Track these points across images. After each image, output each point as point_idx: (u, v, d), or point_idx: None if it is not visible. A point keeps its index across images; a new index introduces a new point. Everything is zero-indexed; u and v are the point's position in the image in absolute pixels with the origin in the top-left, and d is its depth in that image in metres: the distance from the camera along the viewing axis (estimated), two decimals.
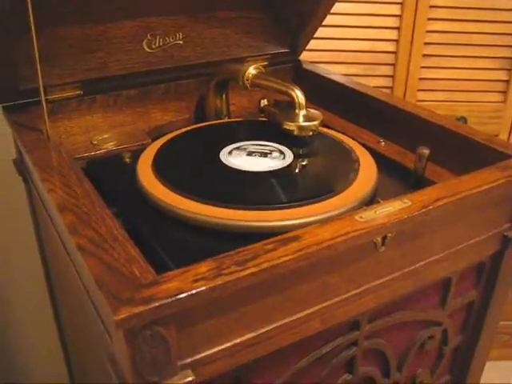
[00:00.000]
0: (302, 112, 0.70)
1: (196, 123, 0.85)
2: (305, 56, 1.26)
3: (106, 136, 0.78)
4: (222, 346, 0.46)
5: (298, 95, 0.70)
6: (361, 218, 0.49)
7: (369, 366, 0.62)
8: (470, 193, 0.54)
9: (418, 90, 1.29)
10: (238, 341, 0.47)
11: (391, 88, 1.29)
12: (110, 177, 0.68)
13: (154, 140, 0.76)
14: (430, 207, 0.51)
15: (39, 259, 0.88)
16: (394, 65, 1.27)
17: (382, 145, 0.77)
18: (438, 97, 1.30)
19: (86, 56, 0.78)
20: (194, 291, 0.40)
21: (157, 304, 0.39)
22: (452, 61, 1.26)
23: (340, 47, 1.25)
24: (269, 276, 0.44)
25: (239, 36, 0.89)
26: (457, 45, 1.25)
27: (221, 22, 0.87)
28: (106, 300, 0.39)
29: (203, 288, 0.41)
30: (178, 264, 0.46)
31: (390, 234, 0.51)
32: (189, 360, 0.44)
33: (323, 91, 0.89)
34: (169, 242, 0.54)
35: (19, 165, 0.75)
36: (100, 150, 0.76)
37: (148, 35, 0.82)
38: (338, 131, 0.80)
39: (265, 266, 0.43)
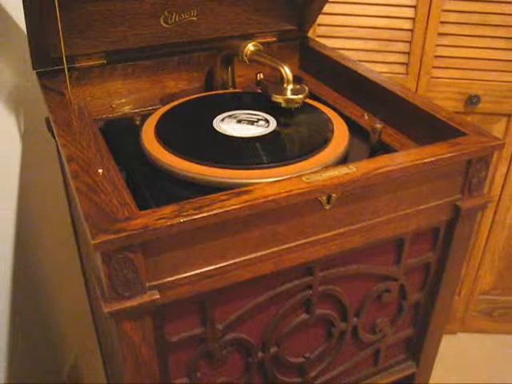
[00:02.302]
0: (290, 86, 0.79)
1: (206, 92, 0.95)
2: (324, 31, 1.34)
3: (123, 101, 0.90)
4: (185, 275, 0.57)
5: (287, 71, 0.79)
6: (307, 179, 0.59)
7: (326, 310, 0.72)
8: (412, 164, 0.63)
9: (433, 67, 1.34)
10: (198, 271, 0.58)
11: (406, 64, 1.34)
12: (122, 136, 0.80)
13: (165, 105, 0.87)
14: (372, 174, 0.60)
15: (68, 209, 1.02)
16: (410, 42, 1.31)
17: (366, 118, 0.85)
18: (452, 74, 1.34)
19: (110, 29, 0.89)
20: (156, 227, 0.52)
21: (126, 234, 0.51)
22: (468, 40, 1.30)
23: (358, 23, 1.31)
24: (220, 220, 0.55)
25: (249, 13, 0.98)
26: (473, 24, 1.28)
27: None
28: (89, 229, 0.52)
29: (164, 225, 0.52)
30: (158, 205, 0.57)
31: (334, 195, 0.60)
32: (156, 283, 0.56)
33: (325, 68, 0.97)
34: (155, 189, 0.66)
35: (48, 123, 0.88)
36: (117, 112, 0.88)
37: (165, 12, 0.92)
38: (329, 104, 0.88)
39: (216, 211, 0.54)
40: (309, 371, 0.78)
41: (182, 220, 0.52)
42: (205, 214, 0.53)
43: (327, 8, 1.27)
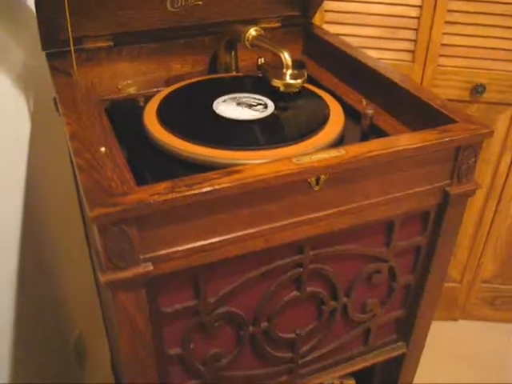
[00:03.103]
0: (289, 71, 0.81)
1: (210, 74, 0.98)
2: (331, 17, 1.35)
3: (129, 82, 0.93)
4: (178, 248, 0.60)
5: (286, 57, 0.81)
6: (297, 160, 0.61)
7: (317, 288, 0.75)
8: (400, 149, 0.65)
9: (440, 56, 1.34)
10: (190, 246, 0.61)
11: (413, 52, 1.35)
12: (125, 116, 0.83)
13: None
14: (360, 158, 0.62)
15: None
16: (416, 30, 1.32)
17: (364, 104, 0.87)
18: (458, 63, 1.35)
19: (117, 12, 0.91)
20: (149, 202, 0.55)
21: (121, 208, 0.54)
22: (474, 29, 1.30)
23: (366, 10, 1.32)
24: (211, 197, 0.57)
25: None
26: (480, 13, 1.28)
27: None
28: (87, 203, 0.55)
29: (157, 200, 0.55)
30: (156, 182, 0.60)
31: (323, 176, 0.63)
32: (150, 255, 0.59)
33: (327, 54, 0.99)
34: (154, 167, 0.69)
35: (56, 103, 0.91)
36: (123, 93, 0.91)
37: None
38: (329, 90, 0.90)
39: (207, 189, 0.57)
40: (300, 347, 0.81)
41: (175, 196, 0.55)
42: (196, 191, 0.56)
43: None
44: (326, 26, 1.35)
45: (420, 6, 1.29)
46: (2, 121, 0.90)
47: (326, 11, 1.33)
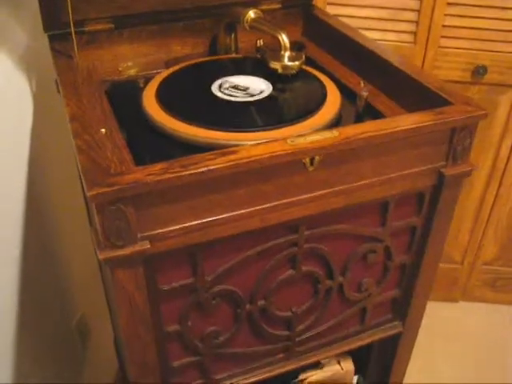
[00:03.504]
0: (287, 53, 0.82)
1: (210, 56, 0.98)
2: None
3: (129, 64, 0.94)
4: (174, 227, 0.62)
5: (284, 38, 0.82)
6: (291, 141, 0.62)
7: (312, 267, 0.77)
8: (394, 130, 0.66)
9: (441, 37, 1.34)
10: (187, 225, 0.62)
11: (415, 33, 1.34)
12: (126, 97, 0.84)
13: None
14: (353, 139, 0.63)
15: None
16: (418, 11, 1.32)
17: (362, 86, 0.87)
18: (460, 44, 1.35)
19: None
20: (145, 181, 0.56)
21: (118, 187, 0.55)
22: (476, 10, 1.29)
23: None
24: (206, 177, 0.59)
25: None
26: None
27: None
28: (86, 183, 0.56)
29: (152, 180, 0.56)
30: (153, 163, 0.61)
31: (317, 157, 0.64)
32: (147, 234, 0.61)
33: (326, 35, 0.99)
34: (152, 148, 0.71)
35: (57, 84, 0.92)
36: (123, 75, 0.92)
37: None
38: (328, 72, 0.91)
39: (202, 169, 0.58)
40: (296, 325, 0.82)
41: (169, 176, 0.57)
42: (191, 172, 0.58)
43: None
44: (328, 8, 1.35)
45: None
46: (5, 102, 0.92)
47: None
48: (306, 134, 0.64)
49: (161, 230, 0.62)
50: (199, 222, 0.63)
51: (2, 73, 0.90)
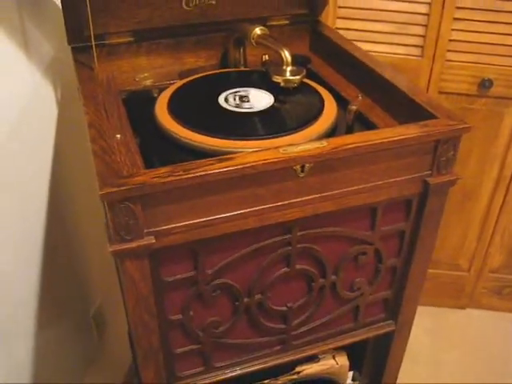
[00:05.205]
0: (289, 68, 0.89)
1: (221, 69, 1.06)
2: (344, 13, 1.41)
3: (146, 75, 1.02)
4: (177, 224, 0.69)
5: (286, 54, 0.88)
6: (284, 150, 0.69)
7: (306, 266, 0.83)
8: (379, 142, 0.72)
9: (448, 51, 1.39)
10: (188, 222, 0.70)
11: (422, 47, 1.40)
12: (141, 106, 0.92)
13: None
14: (340, 149, 0.70)
15: None
16: (426, 26, 1.37)
17: (359, 98, 0.93)
18: (466, 58, 1.40)
19: (137, 11, 1.01)
20: (151, 183, 0.64)
21: (126, 188, 0.63)
22: (482, 25, 1.35)
23: (377, 6, 1.38)
24: (205, 181, 0.66)
25: None
26: (487, 10, 1.32)
27: None
28: (98, 183, 0.64)
29: (157, 182, 0.64)
30: (161, 165, 0.68)
31: (307, 165, 0.70)
32: (152, 230, 0.68)
33: (330, 50, 1.06)
34: (162, 153, 0.78)
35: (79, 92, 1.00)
36: (140, 85, 1.00)
37: None
38: (329, 85, 0.97)
39: (202, 173, 0.65)
40: (292, 320, 0.89)
41: (173, 179, 0.64)
42: (192, 175, 0.65)
43: None
44: (338, 22, 1.41)
45: (429, 3, 1.34)
46: (33, 109, 1.01)
47: (339, 7, 1.40)
48: (298, 144, 0.71)
49: (165, 227, 0.69)
50: (200, 220, 0.70)
51: (31, 82, 0.99)
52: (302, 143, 0.71)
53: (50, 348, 1.16)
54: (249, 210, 0.72)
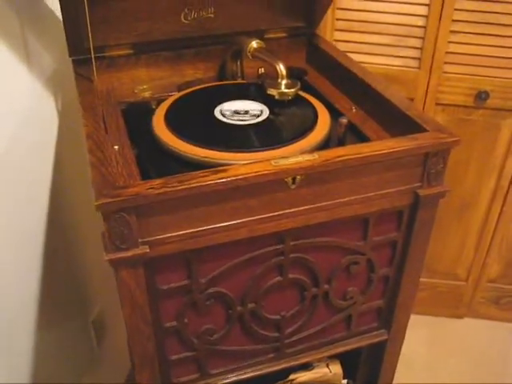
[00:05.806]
0: (284, 81, 0.91)
1: (219, 81, 1.08)
2: (341, 25, 1.43)
3: (144, 87, 1.04)
4: (171, 234, 0.71)
5: (281, 68, 0.91)
6: (275, 162, 0.71)
7: (299, 275, 0.85)
8: (369, 154, 0.74)
9: (445, 63, 1.41)
10: (182, 232, 0.71)
11: (419, 59, 1.42)
12: (139, 118, 0.94)
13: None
14: (331, 162, 0.72)
15: None
16: (423, 38, 1.39)
17: (353, 111, 0.95)
18: (463, 70, 1.42)
19: (136, 24, 1.03)
20: (145, 194, 0.66)
21: (121, 199, 0.65)
22: (478, 38, 1.36)
23: (375, 19, 1.40)
24: (198, 192, 0.68)
25: (261, 11, 1.09)
26: (483, 23, 1.34)
27: None
28: (94, 194, 0.66)
29: (151, 193, 0.66)
30: (158, 176, 0.70)
31: (298, 177, 0.72)
32: (147, 239, 0.70)
33: (326, 63, 1.08)
34: (158, 164, 0.80)
35: None
36: (138, 97, 1.02)
37: (185, 9, 1.04)
38: (324, 97, 0.99)
39: (195, 185, 0.67)
40: (285, 328, 0.90)
41: (166, 190, 0.66)
42: (185, 187, 0.67)
43: (346, 3, 1.37)
44: (336, 34, 1.44)
45: (426, 16, 1.36)
46: (35, 119, 1.03)
47: (337, 19, 1.42)
48: (290, 156, 0.72)
49: (159, 237, 0.71)
50: (193, 230, 0.72)
51: (33, 93, 1.02)
52: (293, 155, 0.73)
53: (50, 353, 1.18)
54: (240, 220, 0.74)
